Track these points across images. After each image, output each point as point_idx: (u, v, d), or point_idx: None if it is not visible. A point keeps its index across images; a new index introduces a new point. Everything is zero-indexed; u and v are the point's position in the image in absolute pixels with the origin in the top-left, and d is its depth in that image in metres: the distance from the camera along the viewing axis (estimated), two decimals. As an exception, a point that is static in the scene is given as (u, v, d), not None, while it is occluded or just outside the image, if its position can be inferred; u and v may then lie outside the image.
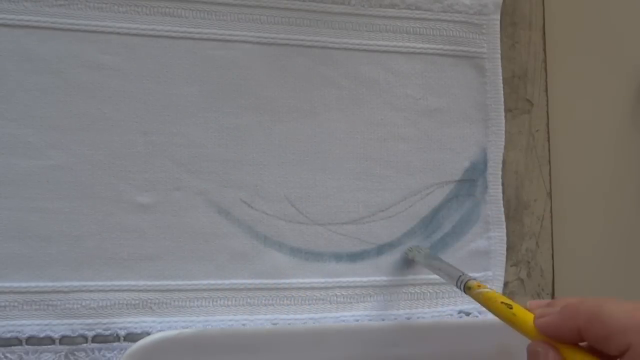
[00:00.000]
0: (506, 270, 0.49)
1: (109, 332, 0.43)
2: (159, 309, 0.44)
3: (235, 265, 0.45)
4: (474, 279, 0.40)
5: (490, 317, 0.37)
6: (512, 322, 0.34)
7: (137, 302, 0.44)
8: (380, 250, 0.47)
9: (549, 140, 0.52)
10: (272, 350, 0.42)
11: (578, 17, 0.55)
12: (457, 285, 0.40)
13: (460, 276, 0.41)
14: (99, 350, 0.43)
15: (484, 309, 0.37)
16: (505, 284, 0.50)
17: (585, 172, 0.54)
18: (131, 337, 0.43)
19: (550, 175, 0.52)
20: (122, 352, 0.43)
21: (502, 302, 0.35)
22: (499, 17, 0.50)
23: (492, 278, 0.49)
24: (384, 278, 0.47)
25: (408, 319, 0.47)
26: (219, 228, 0.45)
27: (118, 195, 0.44)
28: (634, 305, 0.30)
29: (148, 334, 0.43)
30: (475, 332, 0.45)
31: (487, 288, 0.38)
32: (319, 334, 0.43)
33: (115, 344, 0.43)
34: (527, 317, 0.34)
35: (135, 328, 0.43)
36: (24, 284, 0.42)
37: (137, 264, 0.44)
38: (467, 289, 0.39)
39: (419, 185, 0.48)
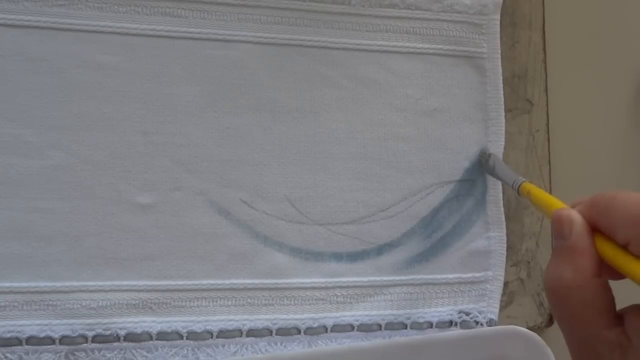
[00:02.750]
0: (506, 270, 0.49)
1: (109, 332, 0.43)
2: (159, 309, 0.44)
3: (235, 265, 0.45)
4: (529, 181, 0.43)
5: (483, 328, 0.36)
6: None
7: (137, 302, 0.44)
8: (380, 250, 0.47)
9: (549, 140, 0.52)
10: None
11: (578, 17, 0.55)
12: (512, 188, 0.45)
13: (514, 181, 0.44)
14: (99, 350, 0.43)
15: (483, 308, 0.37)
16: (505, 284, 0.50)
17: (585, 172, 0.54)
18: (131, 337, 0.43)
19: (550, 175, 0.52)
20: (122, 352, 0.43)
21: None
22: (499, 17, 0.50)
23: (492, 278, 0.49)
24: (384, 278, 0.47)
25: (408, 319, 0.47)
26: (219, 228, 0.45)
27: (118, 195, 0.44)
28: None
29: (148, 333, 0.43)
30: (468, 344, 0.45)
31: (536, 188, 0.41)
32: None
33: (115, 344, 0.43)
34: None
35: (135, 328, 0.43)
36: (24, 284, 0.42)
37: (137, 264, 0.44)
38: (520, 192, 0.43)
39: (419, 185, 0.48)
